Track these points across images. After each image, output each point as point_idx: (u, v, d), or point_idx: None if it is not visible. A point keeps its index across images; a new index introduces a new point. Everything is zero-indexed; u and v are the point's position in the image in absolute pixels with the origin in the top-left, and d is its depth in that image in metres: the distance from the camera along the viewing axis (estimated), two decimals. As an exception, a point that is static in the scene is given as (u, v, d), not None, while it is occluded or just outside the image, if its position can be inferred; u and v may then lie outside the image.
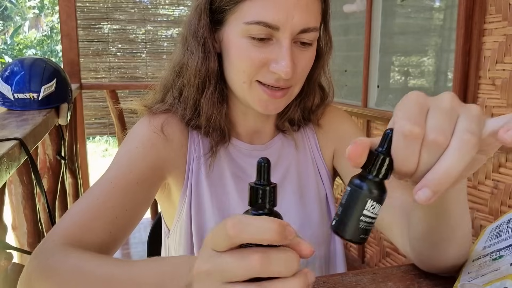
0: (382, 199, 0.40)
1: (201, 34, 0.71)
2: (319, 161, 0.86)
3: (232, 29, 0.69)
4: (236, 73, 0.71)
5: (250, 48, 0.67)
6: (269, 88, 0.70)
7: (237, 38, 0.68)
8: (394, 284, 0.62)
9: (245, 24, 0.66)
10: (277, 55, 0.67)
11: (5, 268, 0.97)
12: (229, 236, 0.35)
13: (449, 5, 1.95)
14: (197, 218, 0.77)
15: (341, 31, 2.68)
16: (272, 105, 0.72)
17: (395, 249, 2.33)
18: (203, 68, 0.72)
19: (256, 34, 0.66)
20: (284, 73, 0.66)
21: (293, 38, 0.67)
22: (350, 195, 0.39)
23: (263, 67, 0.68)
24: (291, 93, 0.73)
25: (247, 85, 0.70)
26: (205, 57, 0.72)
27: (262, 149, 0.82)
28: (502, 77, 1.61)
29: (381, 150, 0.39)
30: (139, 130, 0.75)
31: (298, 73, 0.71)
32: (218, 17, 0.71)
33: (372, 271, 0.66)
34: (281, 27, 0.65)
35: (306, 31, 0.67)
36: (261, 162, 0.39)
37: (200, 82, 0.73)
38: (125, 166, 0.69)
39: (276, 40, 0.67)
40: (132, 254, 2.79)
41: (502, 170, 1.63)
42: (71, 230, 0.61)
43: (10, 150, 0.91)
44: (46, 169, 1.80)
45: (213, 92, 0.74)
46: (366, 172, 0.39)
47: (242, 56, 0.69)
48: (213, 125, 0.76)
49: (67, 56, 2.92)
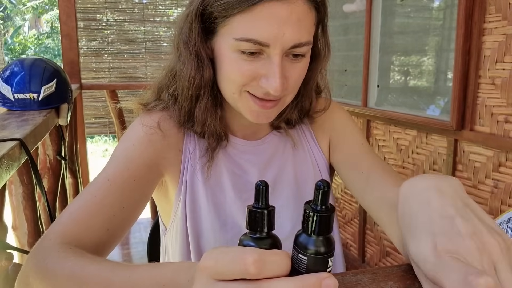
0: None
1: (193, 44, 0.70)
2: (318, 154, 0.85)
3: (223, 42, 0.68)
4: (227, 83, 0.70)
5: (240, 62, 0.66)
6: (259, 100, 0.69)
7: (227, 52, 0.68)
8: (394, 284, 0.62)
9: (234, 40, 0.65)
10: (267, 71, 0.66)
11: (5, 268, 0.97)
12: (249, 274, 0.33)
13: (449, 4, 1.95)
14: (193, 215, 0.77)
15: (341, 31, 2.68)
16: (263, 115, 0.71)
17: (396, 248, 2.34)
18: (197, 78, 0.71)
19: (246, 49, 0.65)
20: (274, 90, 0.65)
21: (284, 52, 0.66)
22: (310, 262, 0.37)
23: (253, 81, 0.68)
24: (283, 102, 0.73)
25: (237, 95, 0.70)
26: (199, 67, 0.71)
27: (258, 144, 0.82)
28: (502, 76, 1.61)
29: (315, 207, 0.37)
30: (136, 128, 0.75)
31: (290, 85, 0.69)
32: (209, 27, 0.70)
33: (373, 270, 0.66)
34: (272, 44, 0.64)
35: (298, 46, 0.66)
36: (259, 185, 0.39)
37: (194, 93, 0.73)
38: (122, 164, 0.69)
39: (266, 55, 0.66)
40: (133, 254, 2.79)
41: (502, 170, 1.63)
42: (69, 228, 0.61)
43: (11, 150, 0.91)
44: (47, 169, 1.80)
45: (207, 101, 0.73)
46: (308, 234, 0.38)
47: (232, 69, 0.68)
48: (208, 130, 0.76)
49: (67, 56, 2.92)
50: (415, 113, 2.08)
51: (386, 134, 2.32)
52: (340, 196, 2.81)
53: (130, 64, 4.42)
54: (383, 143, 2.36)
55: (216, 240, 0.77)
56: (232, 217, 0.78)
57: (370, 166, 0.77)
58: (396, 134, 2.24)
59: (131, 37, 4.39)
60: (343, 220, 2.79)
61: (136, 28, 4.42)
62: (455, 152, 1.86)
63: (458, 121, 1.78)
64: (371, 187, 0.74)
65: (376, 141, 2.42)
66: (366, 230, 2.59)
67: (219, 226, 0.77)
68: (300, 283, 0.33)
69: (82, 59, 3.84)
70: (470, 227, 0.40)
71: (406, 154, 2.18)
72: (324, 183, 0.37)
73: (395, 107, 2.26)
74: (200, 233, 0.77)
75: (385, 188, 0.71)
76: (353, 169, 0.79)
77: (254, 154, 0.81)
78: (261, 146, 0.82)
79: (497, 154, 1.65)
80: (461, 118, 1.78)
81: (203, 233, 0.77)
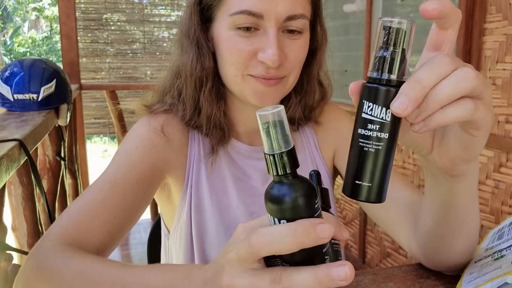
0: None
1: (193, 33, 0.72)
2: (318, 161, 0.85)
3: (220, 24, 0.70)
4: (228, 67, 0.71)
5: (237, 39, 0.68)
6: (262, 79, 0.70)
7: (225, 32, 0.69)
8: (395, 285, 0.62)
9: (230, 16, 0.67)
10: (264, 44, 0.67)
11: (5, 269, 0.96)
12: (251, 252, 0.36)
13: (449, 4, 1.95)
14: (197, 219, 0.77)
15: (341, 31, 2.67)
16: (268, 96, 0.72)
17: (396, 249, 2.33)
18: (198, 66, 0.73)
19: (241, 24, 0.67)
20: (271, 62, 0.66)
21: (279, 26, 0.67)
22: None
23: (252, 59, 0.69)
24: (285, 82, 0.73)
25: (240, 78, 0.70)
26: (199, 54, 0.73)
27: (261, 150, 0.82)
28: (503, 76, 1.60)
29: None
30: (139, 130, 0.75)
31: (290, 62, 0.70)
32: (207, 15, 0.72)
33: (373, 271, 0.66)
34: (265, 15, 0.66)
35: (293, 18, 0.67)
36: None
37: (197, 79, 0.74)
38: (124, 166, 0.68)
39: (263, 30, 0.67)
40: (132, 255, 2.78)
41: (503, 170, 1.63)
42: (69, 229, 0.60)
43: (10, 151, 0.90)
44: (46, 170, 1.80)
45: (211, 89, 0.74)
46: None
47: (231, 48, 0.69)
48: (214, 123, 0.76)
49: (66, 57, 2.92)
50: (415, 114, 2.08)
51: (386, 135, 2.32)
52: (341, 197, 2.81)
53: (129, 65, 4.42)
54: (383, 144, 2.35)
55: (220, 244, 0.77)
56: (236, 221, 0.78)
57: None
58: (396, 134, 2.24)
59: (131, 37, 4.39)
60: (344, 221, 2.79)
61: (136, 28, 4.42)
62: (455, 152, 1.86)
63: (459, 121, 1.78)
64: None
65: (376, 141, 2.41)
66: (367, 231, 2.58)
67: (223, 230, 0.77)
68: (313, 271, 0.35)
69: (82, 60, 3.84)
70: None
71: (406, 154, 2.18)
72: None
73: (395, 108, 2.25)
74: (204, 237, 0.77)
75: (396, 189, 0.72)
76: None
77: (257, 160, 0.81)
78: None
79: (498, 155, 1.65)
80: (462, 118, 1.77)
81: (207, 237, 0.77)
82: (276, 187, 0.36)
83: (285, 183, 0.36)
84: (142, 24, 4.40)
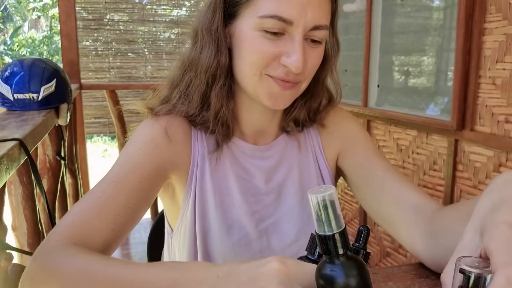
0: None
1: (215, 29, 0.72)
2: (322, 162, 0.86)
3: (245, 23, 0.70)
4: (247, 66, 0.71)
5: (263, 41, 0.68)
6: (280, 80, 0.70)
7: (250, 31, 0.69)
8: (394, 284, 0.62)
9: (259, 18, 0.67)
10: (289, 49, 0.68)
11: (5, 268, 0.96)
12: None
13: (449, 4, 1.95)
14: (201, 217, 0.77)
15: (341, 31, 2.67)
16: (281, 99, 0.73)
17: (396, 249, 2.33)
18: (214, 62, 0.72)
19: (270, 28, 0.67)
20: (295, 67, 0.67)
21: (305, 34, 0.68)
22: None
23: (274, 61, 0.69)
24: (299, 88, 0.74)
25: (257, 77, 0.71)
26: (218, 51, 0.72)
27: (265, 149, 0.82)
28: (502, 76, 1.61)
29: (357, 245, 0.43)
30: (142, 132, 0.75)
31: (308, 69, 0.71)
32: (231, 11, 0.72)
33: (373, 271, 0.66)
34: (295, 22, 0.66)
35: (318, 28, 0.68)
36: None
37: (211, 76, 0.73)
38: (127, 167, 0.69)
39: (288, 35, 0.68)
40: (132, 255, 2.79)
41: (503, 170, 1.63)
42: (74, 229, 0.61)
43: (10, 150, 0.90)
44: (46, 169, 1.80)
45: (223, 86, 0.74)
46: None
47: (254, 48, 0.69)
48: (221, 119, 0.76)
49: (66, 56, 2.92)
50: (416, 113, 2.08)
51: (387, 134, 2.32)
52: (341, 196, 2.81)
53: (129, 64, 4.41)
54: (383, 143, 2.36)
55: (222, 243, 0.77)
56: (238, 220, 0.78)
57: (386, 169, 0.79)
58: (396, 134, 2.24)
59: (131, 37, 4.39)
60: (343, 221, 2.79)
61: (136, 28, 4.41)
62: (455, 152, 1.86)
63: (459, 121, 1.78)
64: (387, 188, 0.76)
65: (376, 141, 2.41)
66: (366, 230, 2.58)
67: (225, 229, 0.78)
68: None
69: (82, 59, 3.84)
70: None
71: (406, 154, 2.18)
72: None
73: (396, 107, 2.26)
74: (207, 235, 0.78)
75: (402, 190, 0.73)
76: (368, 171, 0.80)
77: (261, 159, 0.81)
78: (268, 151, 0.82)
79: (498, 154, 1.65)
80: (462, 118, 1.78)
81: (210, 235, 0.77)
82: (328, 267, 0.37)
83: (337, 264, 0.37)
84: (142, 23, 4.40)
